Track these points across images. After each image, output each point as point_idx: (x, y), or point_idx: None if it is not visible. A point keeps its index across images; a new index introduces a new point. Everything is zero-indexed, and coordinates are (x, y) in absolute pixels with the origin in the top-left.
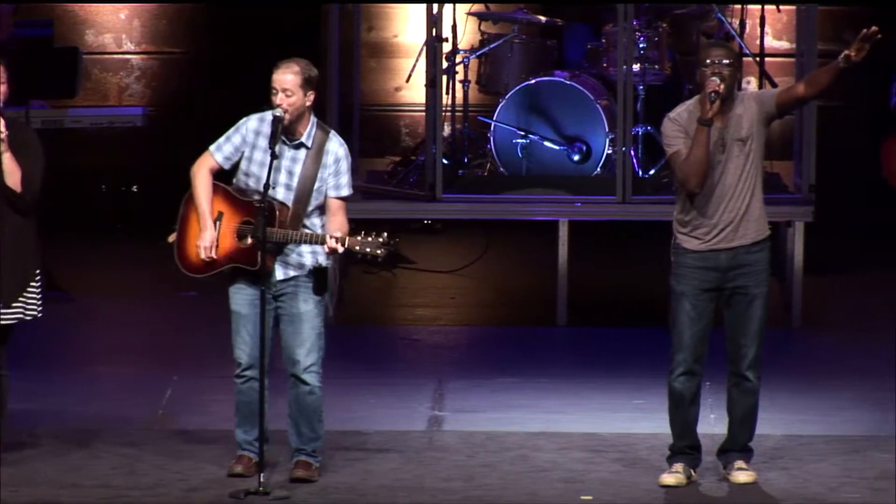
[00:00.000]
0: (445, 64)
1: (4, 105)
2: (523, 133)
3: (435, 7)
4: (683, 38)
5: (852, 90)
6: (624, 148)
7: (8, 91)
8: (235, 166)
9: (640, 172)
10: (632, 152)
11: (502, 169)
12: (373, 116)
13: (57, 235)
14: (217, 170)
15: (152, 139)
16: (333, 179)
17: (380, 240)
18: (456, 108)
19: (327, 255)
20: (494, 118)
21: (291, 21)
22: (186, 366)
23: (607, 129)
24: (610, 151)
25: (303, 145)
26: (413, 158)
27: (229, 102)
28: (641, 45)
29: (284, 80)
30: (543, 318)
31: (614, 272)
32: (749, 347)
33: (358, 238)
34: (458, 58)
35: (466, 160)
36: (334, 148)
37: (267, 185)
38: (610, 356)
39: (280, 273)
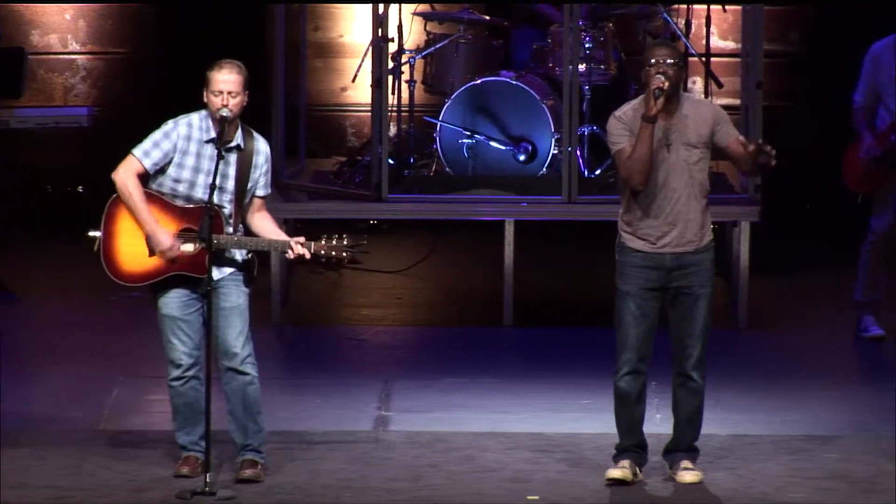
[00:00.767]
0: (391, 64)
1: None
2: (469, 133)
3: (381, 7)
4: (629, 38)
5: (798, 90)
6: (570, 148)
7: None
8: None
9: (586, 172)
10: (578, 152)
11: (448, 169)
12: (319, 116)
13: (2, 235)
14: (143, 175)
15: (98, 139)
16: (263, 179)
17: (344, 242)
18: (402, 109)
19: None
20: (440, 118)
21: (237, 21)
22: (132, 366)
23: (553, 129)
24: (556, 151)
25: (237, 147)
26: (359, 158)
27: (175, 102)
28: (587, 45)
29: (229, 81)
30: (489, 319)
31: (560, 272)
32: (694, 347)
33: (323, 242)
34: (404, 58)
35: (412, 160)
36: (263, 148)
37: (213, 187)
38: (556, 356)
39: (216, 274)
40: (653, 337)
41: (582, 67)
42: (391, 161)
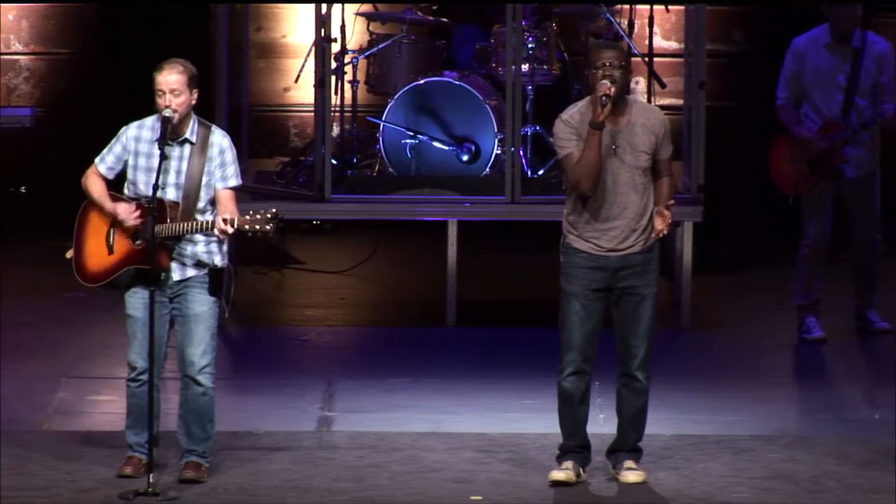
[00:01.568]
0: (334, 64)
1: None
2: (412, 133)
3: (324, 7)
4: (572, 38)
5: (740, 90)
6: (513, 148)
7: None
8: (123, 177)
9: (530, 172)
10: (521, 152)
11: (391, 169)
12: (262, 117)
13: None
14: (106, 180)
15: (41, 140)
16: (220, 171)
17: (268, 216)
18: (345, 109)
19: (223, 256)
20: (383, 118)
21: (180, 21)
22: (76, 367)
23: (496, 130)
24: (499, 151)
25: (187, 141)
26: (302, 159)
27: (119, 103)
28: (530, 46)
29: (171, 81)
30: (433, 319)
31: (503, 272)
32: (639, 347)
33: (247, 217)
34: (347, 58)
35: (355, 160)
36: (218, 140)
37: (156, 185)
38: (499, 356)
39: (177, 274)
40: (597, 337)
41: (525, 67)
42: (334, 161)
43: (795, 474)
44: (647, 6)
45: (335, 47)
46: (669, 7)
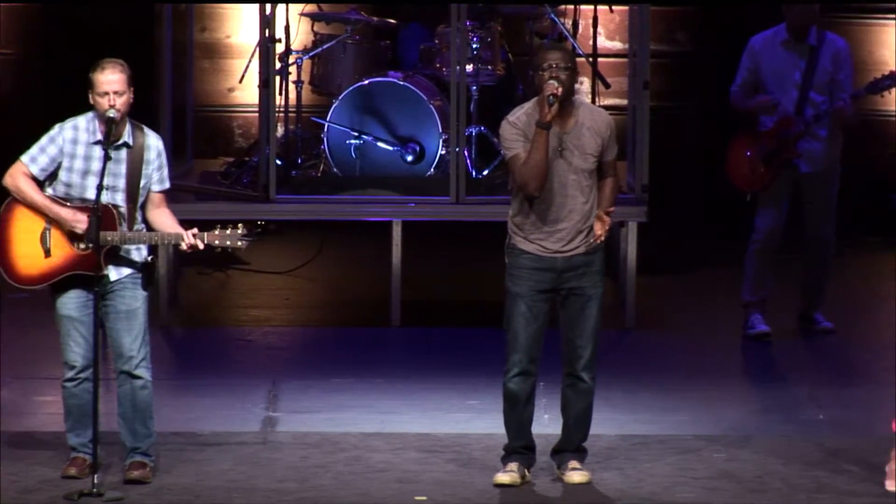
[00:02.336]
0: (279, 65)
1: None
2: (357, 134)
3: (268, 8)
4: (516, 39)
5: (684, 90)
6: (457, 148)
7: None
8: (47, 178)
9: (474, 173)
10: (465, 153)
11: (336, 170)
12: (206, 117)
13: None
14: (33, 179)
15: None
16: (157, 174)
17: (239, 231)
18: (289, 109)
19: (148, 249)
20: (328, 119)
21: (124, 21)
22: (18, 368)
23: (441, 130)
24: (443, 152)
25: (125, 145)
26: (246, 159)
27: (61, 103)
28: (475, 46)
29: (114, 80)
30: (377, 319)
31: (448, 272)
32: (585, 348)
33: (216, 233)
34: (292, 58)
35: (300, 161)
36: (154, 143)
37: (101, 187)
38: (444, 356)
39: (113, 274)
40: (542, 338)
41: (469, 68)
42: (279, 162)
43: (740, 474)
44: (592, 6)
45: (279, 48)
46: (614, 7)
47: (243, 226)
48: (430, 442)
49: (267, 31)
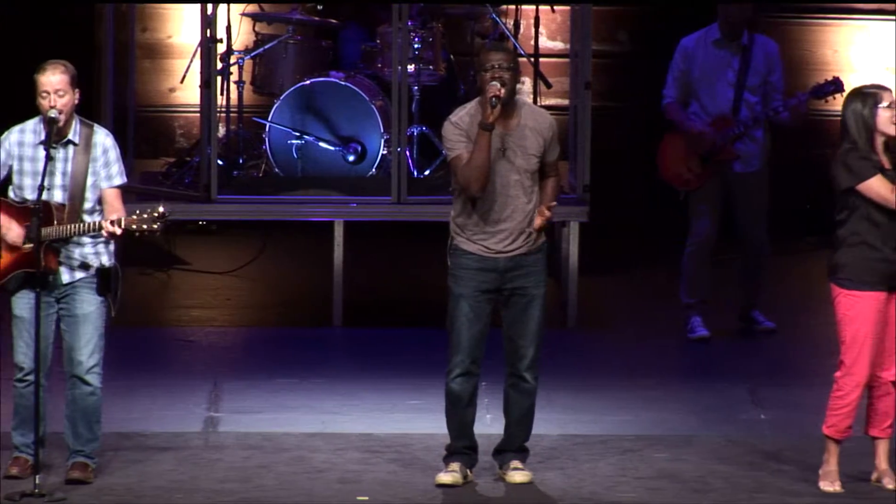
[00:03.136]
0: (220, 65)
1: None
2: (298, 134)
3: (209, 8)
4: (458, 39)
5: (626, 90)
6: (399, 149)
7: None
8: (5, 184)
9: (416, 173)
10: (407, 153)
11: (277, 170)
12: (147, 117)
13: None
14: None
15: None
16: (105, 170)
17: (154, 214)
18: (231, 109)
19: (110, 256)
20: (269, 119)
21: (64, 21)
22: None
23: (382, 130)
24: (385, 152)
25: (71, 142)
26: (188, 159)
27: (1, 104)
28: (416, 46)
29: (55, 81)
30: (319, 319)
31: (390, 272)
32: (528, 348)
33: (134, 217)
34: (233, 59)
35: (241, 161)
36: (101, 139)
37: (42, 186)
38: (386, 356)
39: (66, 276)
40: (485, 339)
41: (411, 68)
42: (220, 162)
43: (682, 474)
44: (533, 6)
45: (221, 48)
46: (555, 7)
47: (157, 209)
48: (372, 442)
49: (208, 32)
